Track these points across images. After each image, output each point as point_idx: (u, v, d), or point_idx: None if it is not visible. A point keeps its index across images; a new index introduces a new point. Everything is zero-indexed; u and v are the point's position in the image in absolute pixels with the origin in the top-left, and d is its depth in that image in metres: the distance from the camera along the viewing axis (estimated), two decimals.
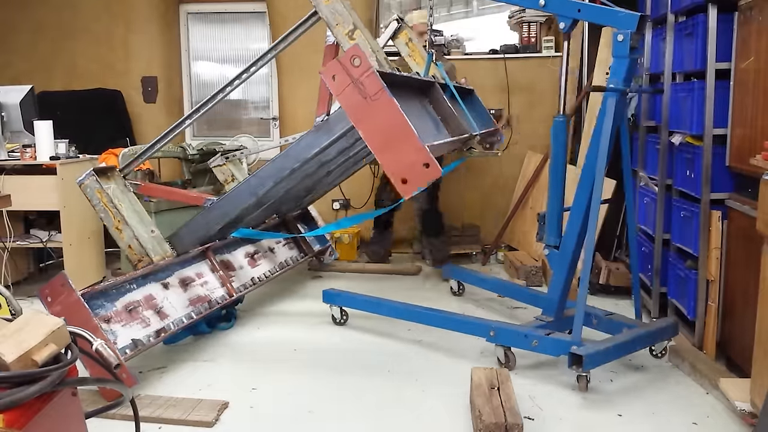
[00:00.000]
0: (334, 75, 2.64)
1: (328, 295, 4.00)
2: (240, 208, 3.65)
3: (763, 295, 2.44)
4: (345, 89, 2.63)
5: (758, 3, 2.87)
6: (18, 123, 4.43)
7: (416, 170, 2.56)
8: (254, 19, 6.29)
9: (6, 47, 6.21)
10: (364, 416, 2.83)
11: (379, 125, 2.61)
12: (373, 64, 2.62)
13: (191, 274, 3.73)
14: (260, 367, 3.35)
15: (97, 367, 1.52)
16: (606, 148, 3.04)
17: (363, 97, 2.61)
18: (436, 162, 2.57)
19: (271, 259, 4.53)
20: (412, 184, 2.58)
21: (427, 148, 2.56)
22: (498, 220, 5.68)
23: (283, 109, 6.10)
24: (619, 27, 3.01)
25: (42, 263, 5.13)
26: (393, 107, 2.58)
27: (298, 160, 3.41)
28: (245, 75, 3.52)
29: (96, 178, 3.43)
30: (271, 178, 3.50)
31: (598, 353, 2.95)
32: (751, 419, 2.60)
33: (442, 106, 3.47)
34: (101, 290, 3.13)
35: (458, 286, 4.60)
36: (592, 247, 3.03)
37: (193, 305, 3.56)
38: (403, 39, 4.29)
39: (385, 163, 2.63)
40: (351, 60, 2.60)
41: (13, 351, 1.27)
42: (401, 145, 2.57)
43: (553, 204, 3.43)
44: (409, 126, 2.56)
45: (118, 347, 3.00)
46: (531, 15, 5.59)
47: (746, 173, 2.97)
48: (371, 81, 2.59)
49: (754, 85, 2.92)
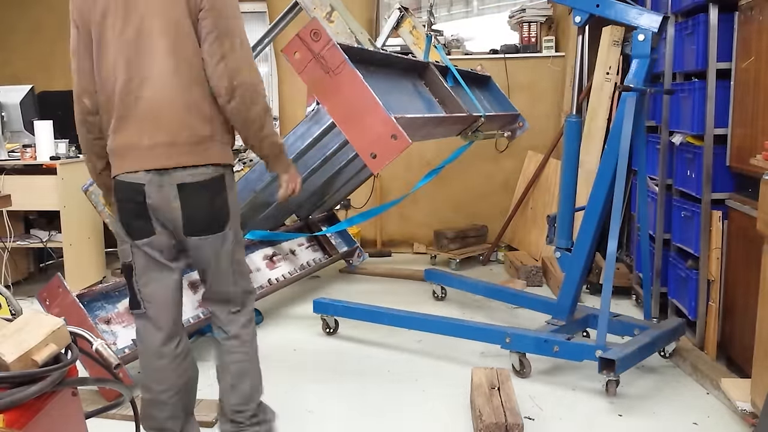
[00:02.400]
0: (296, 52, 2.56)
1: (319, 305, 3.81)
2: (242, 205, 3.54)
3: (764, 295, 2.44)
4: (307, 65, 2.55)
5: (759, 3, 2.87)
6: (18, 123, 4.43)
7: (384, 143, 2.49)
8: (254, 19, 6.28)
9: (6, 47, 6.21)
10: (364, 416, 2.82)
11: (343, 99, 2.53)
12: (333, 39, 2.54)
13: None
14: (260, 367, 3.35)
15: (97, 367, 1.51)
16: (626, 149, 2.97)
17: (325, 71, 2.52)
18: (404, 133, 2.48)
19: (292, 261, 4.43)
20: (381, 158, 2.51)
21: (394, 120, 2.48)
22: (499, 219, 5.68)
23: (283, 109, 6.10)
24: (640, 26, 2.97)
25: (42, 263, 5.13)
26: (356, 79, 2.50)
27: (292, 152, 3.32)
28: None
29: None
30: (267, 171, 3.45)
31: (627, 357, 2.88)
32: (752, 419, 2.60)
33: (439, 88, 3.35)
34: (101, 292, 3.12)
35: (441, 291, 4.47)
36: (614, 250, 2.95)
37: (203, 307, 3.51)
38: (407, 27, 4.18)
39: (352, 138, 2.56)
40: (311, 34, 2.53)
41: (13, 351, 1.27)
42: (367, 118, 2.50)
43: (565, 206, 3.36)
44: (374, 97, 2.49)
45: (117, 347, 3.00)
46: (531, 15, 5.59)
47: (747, 173, 2.97)
48: (332, 54, 2.52)
49: (754, 84, 2.92)
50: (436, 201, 5.83)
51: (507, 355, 3.28)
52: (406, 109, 2.92)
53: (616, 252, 2.97)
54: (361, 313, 3.72)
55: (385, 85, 2.56)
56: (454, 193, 5.82)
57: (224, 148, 2.19)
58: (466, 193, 5.81)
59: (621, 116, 3.03)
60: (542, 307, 3.82)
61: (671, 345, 3.34)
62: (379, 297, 4.36)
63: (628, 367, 2.95)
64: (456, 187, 5.80)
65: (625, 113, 3.01)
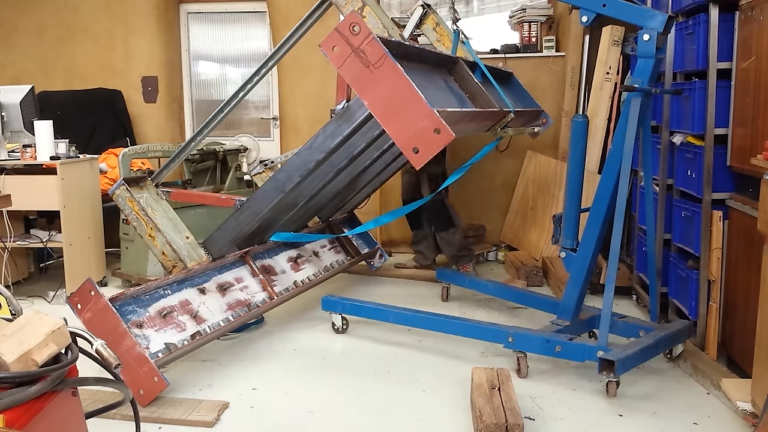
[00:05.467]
0: (334, 46, 2.52)
1: (328, 303, 3.83)
2: (270, 206, 3.50)
3: (764, 295, 2.44)
4: (346, 60, 2.50)
5: (759, 3, 2.87)
6: (18, 123, 4.43)
7: (427, 137, 2.43)
8: (254, 18, 6.29)
9: (7, 47, 6.21)
10: (364, 416, 2.82)
11: (383, 94, 2.48)
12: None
13: (230, 279, 3.66)
14: (260, 367, 3.35)
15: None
16: (630, 150, 2.97)
17: (365, 65, 2.47)
18: (448, 127, 2.43)
19: (316, 264, 4.41)
20: (424, 153, 2.46)
21: (437, 113, 2.43)
22: (499, 219, 5.68)
23: (284, 109, 6.10)
24: (646, 26, 2.96)
25: (42, 263, 5.13)
26: (397, 73, 2.45)
27: (321, 151, 3.28)
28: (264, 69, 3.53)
29: (127, 187, 3.41)
30: (297, 171, 3.37)
31: (628, 358, 2.89)
32: (752, 419, 2.60)
33: (469, 83, 3.29)
34: (132, 296, 3.09)
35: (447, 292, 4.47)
36: (617, 250, 2.96)
37: (232, 309, 3.51)
38: (430, 24, 4.07)
39: (394, 133, 2.51)
40: (350, 28, 2.48)
41: (13, 351, 1.27)
42: (408, 112, 2.45)
43: (571, 206, 3.35)
44: (416, 91, 2.43)
45: (150, 351, 2.96)
46: (531, 14, 5.59)
47: (747, 173, 2.97)
48: (372, 48, 2.47)
49: (755, 84, 2.92)
50: None
51: (507, 355, 3.28)
52: (441, 104, 2.85)
53: (618, 252, 2.97)
54: (367, 311, 3.75)
55: (421, 80, 2.49)
56: (454, 193, 5.81)
57: None
58: (466, 192, 5.81)
59: (626, 117, 3.03)
60: (550, 307, 3.80)
61: (678, 347, 3.31)
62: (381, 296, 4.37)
63: (629, 368, 2.94)
64: (456, 187, 5.79)
65: (630, 114, 3.00)
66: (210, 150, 5.21)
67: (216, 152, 5.25)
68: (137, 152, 4.86)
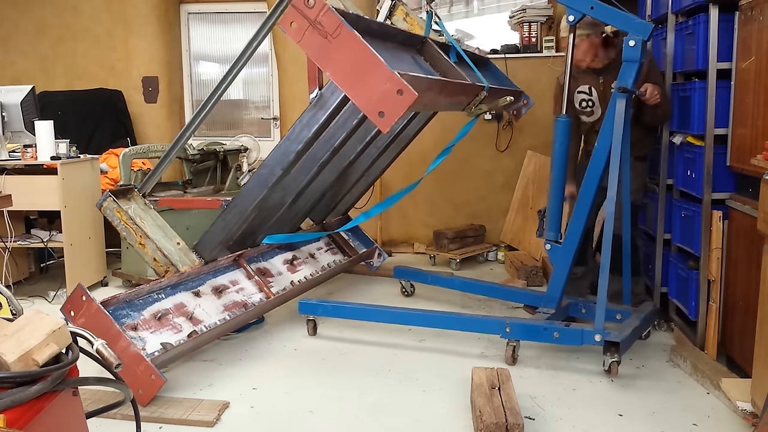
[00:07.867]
0: (292, 22, 2.54)
1: (305, 306, 3.74)
2: (255, 203, 3.46)
3: (764, 294, 2.44)
4: (305, 34, 2.53)
5: (759, 3, 2.87)
6: (19, 123, 4.43)
7: (390, 99, 2.45)
8: (254, 19, 6.29)
9: (7, 47, 6.22)
10: (364, 416, 2.83)
11: (344, 62, 2.49)
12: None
13: (225, 282, 3.65)
14: (260, 367, 3.35)
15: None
16: (618, 149, 3.13)
17: (323, 36, 2.50)
18: (410, 87, 2.45)
19: (313, 264, 4.39)
20: (389, 116, 2.47)
21: (398, 74, 2.45)
22: (499, 219, 5.68)
23: (284, 109, 6.10)
24: (632, 33, 3.12)
25: (43, 263, 5.14)
26: (354, 39, 2.48)
27: (299, 142, 3.27)
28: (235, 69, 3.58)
29: (114, 198, 3.40)
30: (279, 164, 3.34)
31: (626, 339, 3.10)
32: (752, 419, 2.60)
33: (440, 62, 3.30)
34: (125, 300, 3.09)
35: (410, 287, 4.53)
36: (610, 236, 3.12)
37: (229, 310, 3.50)
38: (400, 15, 4.12)
39: (358, 99, 2.53)
40: (305, 2, 2.51)
41: (14, 351, 1.27)
42: (370, 77, 2.46)
43: (554, 199, 3.50)
44: (375, 54, 2.45)
45: (147, 352, 2.96)
46: (531, 15, 5.59)
47: (747, 173, 2.97)
48: (329, 18, 2.50)
49: (755, 84, 2.92)
50: (436, 201, 5.83)
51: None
52: (405, 70, 2.82)
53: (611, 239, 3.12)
54: (350, 312, 3.74)
55: (385, 53, 2.51)
56: (454, 193, 5.82)
57: None
58: (466, 193, 5.81)
59: (612, 115, 3.19)
60: (517, 297, 4.11)
61: (649, 329, 3.63)
62: (381, 296, 4.37)
63: (628, 348, 3.18)
64: (456, 187, 5.80)
65: (617, 114, 3.17)
66: (210, 150, 5.21)
67: (216, 152, 5.25)
68: (138, 152, 4.86)
